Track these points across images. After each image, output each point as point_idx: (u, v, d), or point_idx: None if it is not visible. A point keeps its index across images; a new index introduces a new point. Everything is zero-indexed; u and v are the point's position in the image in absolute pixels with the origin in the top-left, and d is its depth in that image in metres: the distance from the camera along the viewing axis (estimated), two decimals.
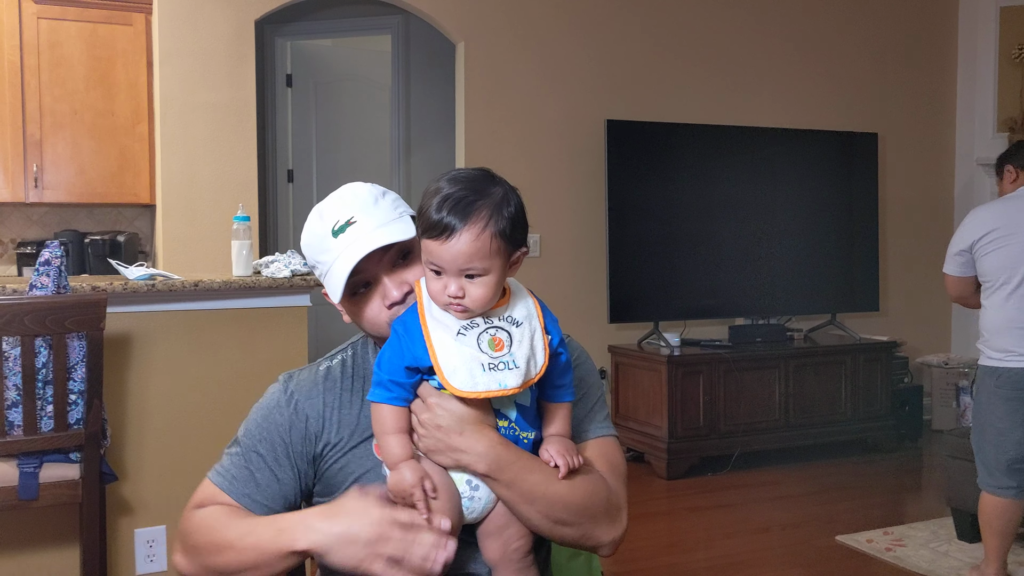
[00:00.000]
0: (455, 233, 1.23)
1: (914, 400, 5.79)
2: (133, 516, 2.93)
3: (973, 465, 3.86)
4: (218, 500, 1.40)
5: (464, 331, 1.27)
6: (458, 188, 1.26)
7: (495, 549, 1.32)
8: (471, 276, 1.25)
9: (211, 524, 1.36)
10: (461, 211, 1.24)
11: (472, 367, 1.24)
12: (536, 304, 1.33)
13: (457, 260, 1.24)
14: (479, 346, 1.26)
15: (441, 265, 1.25)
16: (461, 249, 1.23)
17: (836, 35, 6.05)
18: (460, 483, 1.30)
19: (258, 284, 2.99)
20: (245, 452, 1.42)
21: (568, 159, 5.32)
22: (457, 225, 1.23)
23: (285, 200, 5.95)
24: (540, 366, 1.28)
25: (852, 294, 5.91)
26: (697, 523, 4.29)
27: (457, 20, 5.08)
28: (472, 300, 1.26)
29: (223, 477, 1.41)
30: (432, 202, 1.25)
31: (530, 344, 1.28)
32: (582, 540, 1.37)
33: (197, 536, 1.36)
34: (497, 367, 1.25)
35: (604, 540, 1.38)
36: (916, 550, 3.88)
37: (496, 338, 1.27)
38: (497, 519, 1.32)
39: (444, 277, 1.26)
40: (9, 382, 2.40)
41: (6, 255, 5.13)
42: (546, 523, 1.32)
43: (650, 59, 5.53)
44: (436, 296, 1.28)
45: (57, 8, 4.81)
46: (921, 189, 6.39)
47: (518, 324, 1.29)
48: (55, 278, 2.50)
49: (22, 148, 4.79)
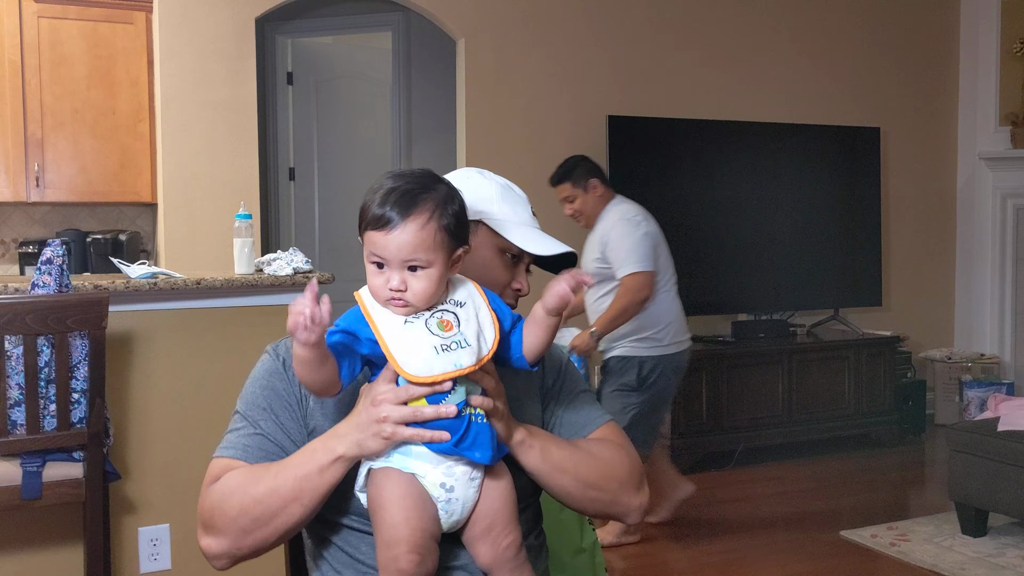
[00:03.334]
0: (400, 223, 1.24)
1: (917, 395, 5.78)
2: (137, 515, 2.93)
3: (977, 459, 3.86)
4: (233, 469, 1.36)
5: (411, 320, 1.26)
6: (403, 182, 1.27)
7: (486, 553, 1.29)
8: (414, 268, 1.25)
9: (238, 483, 1.32)
10: (407, 202, 1.25)
11: (425, 352, 1.23)
12: (477, 287, 1.34)
13: (402, 250, 1.24)
14: (429, 329, 1.25)
15: (385, 257, 1.25)
16: (406, 239, 1.24)
17: (838, 30, 6.03)
18: (434, 488, 1.26)
19: (260, 282, 2.99)
20: (252, 421, 1.39)
21: (569, 154, 5.29)
22: (403, 215, 1.24)
23: (287, 198, 5.95)
24: (491, 341, 1.28)
25: (855, 289, 5.90)
26: (700, 518, 4.29)
27: (457, 17, 5.07)
28: (414, 294, 1.25)
29: (235, 449, 1.38)
30: (376, 196, 1.26)
31: (476, 321, 1.28)
32: (612, 506, 1.44)
33: (227, 503, 1.32)
34: (450, 347, 1.24)
35: (633, 505, 1.45)
36: (920, 545, 3.87)
37: (444, 320, 1.27)
38: (481, 521, 1.29)
39: (387, 271, 1.25)
40: (12, 381, 2.40)
41: (8, 254, 5.13)
42: (579, 489, 1.39)
43: (651, 55, 5.52)
44: (377, 291, 1.27)
45: (58, 7, 4.80)
46: (924, 183, 6.37)
47: (461, 305, 1.29)
48: (57, 277, 2.50)
49: (23, 147, 4.79)
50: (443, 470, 1.26)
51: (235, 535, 1.31)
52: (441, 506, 1.27)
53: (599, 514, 1.48)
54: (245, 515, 1.30)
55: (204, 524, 1.35)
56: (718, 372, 5.08)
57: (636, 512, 1.46)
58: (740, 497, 4.62)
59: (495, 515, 1.29)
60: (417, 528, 1.23)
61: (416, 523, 1.23)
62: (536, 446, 1.36)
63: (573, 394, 1.53)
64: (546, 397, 1.51)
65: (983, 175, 6.31)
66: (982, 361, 6.04)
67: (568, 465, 1.38)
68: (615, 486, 1.43)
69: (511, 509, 1.31)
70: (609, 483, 1.42)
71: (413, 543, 1.22)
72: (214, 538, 1.34)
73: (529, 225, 1.50)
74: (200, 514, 1.36)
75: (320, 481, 1.28)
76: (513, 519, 1.30)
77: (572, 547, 1.92)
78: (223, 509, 1.32)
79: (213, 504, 1.34)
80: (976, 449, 3.87)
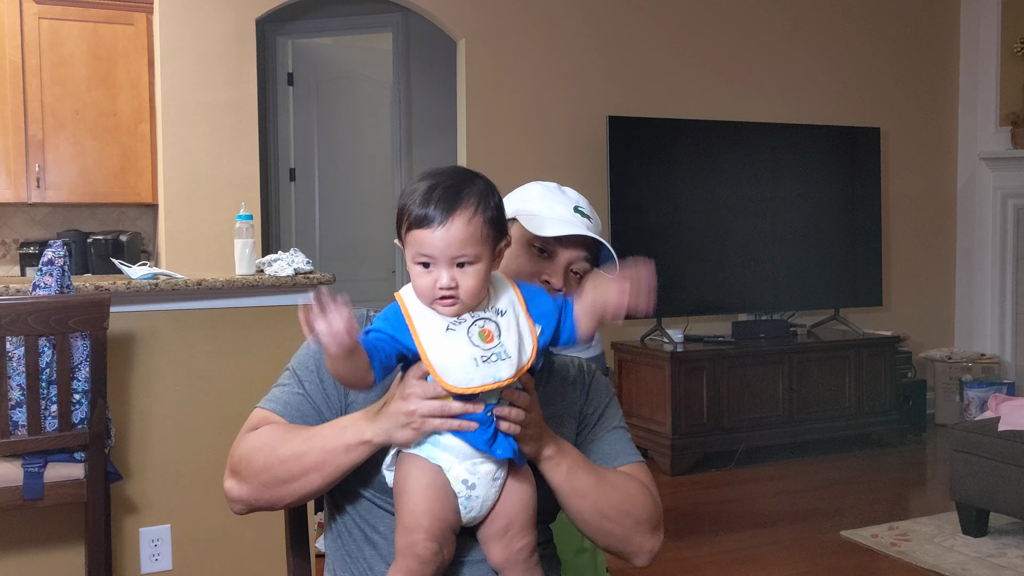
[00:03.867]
0: (448, 219, 1.23)
1: (918, 395, 5.78)
2: (138, 515, 2.93)
3: (977, 459, 3.87)
4: (272, 422, 1.40)
5: (453, 327, 1.25)
6: (443, 179, 1.27)
7: (499, 552, 1.30)
8: (462, 265, 1.24)
9: (269, 439, 1.36)
10: (451, 198, 1.24)
11: (465, 362, 1.23)
12: (516, 289, 1.33)
13: (451, 247, 1.23)
14: (470, 339, 1.24)
15: (433, 255, 1.23)
16: (455, 235, 1.23)
17: (838, 30, 6.03)
18: (456, 483, 1.27)
19: (261, 283, 2.99)
20: (299, 380, 1.43)
21: (570, 156, 5.31)
22: (449, 211, 1.23)
23: (287, 199, 5.95)
24: (530, 351, 1.27)
25: (855, 289, 5.90)
26: (702, 519, 4.29)
27: (458, 17, 5.07)
28: (464, 291, 1.24)
29: (276, 403, 1.42)
30: (417, 195, 1.25)
31: (517, 331, 1.27)
32: (623, 543, 1.43)
33: (255, 455, 1.36)
34: (490, 359, 1.24)
35: (644, 547, 1.45)
36: (921, 545, 3.87)
37: (485, 329, 1.26)
38: (498, 520, 1.30)
39: (434, 269, 1.24)
40: (13, 382, 2.40)
41: (9, 255, 5.13)
42: (595, 517, 1.39)
43: (651, 55, 5.52)
44: (425, 292, 1.25)
45: (58, 8, 4.81)
46: (924, 183, 6.38)
47: (503, 313, 1.28)
48: (58, 278, 2.50)
49: (24, 148, 4.79)
50: (468, 467, 1.27)
51: (256, 487, 1.36)
52: (461, 501, 1.28)
53: (610, 548, 1.46)
54: (267, 471, 1.34)
55: (231, 467, 1.40)
56: (719, 372, 5.08)
57: (647, 555, 1.46)
58: (741, 497, 4.62)
59: (513, 516, 1.30)
60: (438, 518, 1.25)
61: (437, 513, 1.26)
62: (564, 464, 1.36)
63: (609, 428, 1.52)
64: (582, 423, 1.51)
65: (983, 175, 6.31)
66: (982, 361, 6.05)
67: (590, 491, 1.38)
68: (631, 523, 1.42)
69: (529, 514, 1.32)
70: (625, 519, 1.41)
71: (432, 531, 1.25)
72: (237, 483, 1.38)
73: (561, 219, 1.50)
74: (230, 456, 1.40)
75: (344, 459, 1.30)
76: (530, 523, 1.31)
77: (573, 547, 1.92)
78: (250, 460, 1.36)
79: (243, 452, 1.38)
80: (977, 449, 3.87)
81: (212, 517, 2.99)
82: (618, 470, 1.46)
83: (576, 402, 1.50)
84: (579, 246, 1.50)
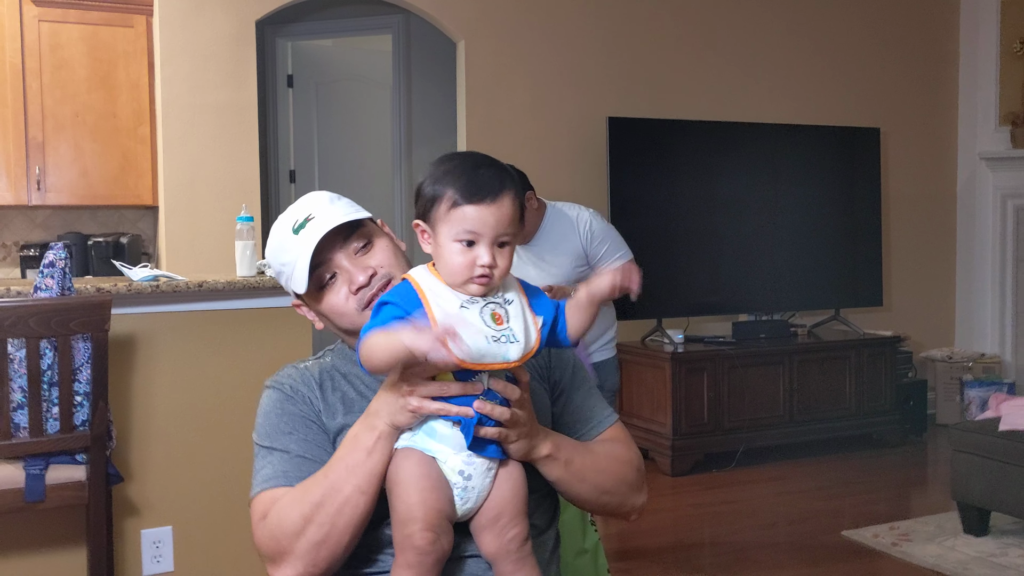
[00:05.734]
0: (499, 196, 1.25)
1: (918, 395, 5.78)
2: (139, 517, 2.93)
3: (979, 459, 3.87)
4: (278, 498, 1.33)
5: (467, 305, 1.26)
6: (481, 160, 1.29)
7: (491, 542, 1.30)
8: (502, 245, 1.26)
9: (291, 503, 1.29)
10: (500, 176, 1.27)
11: (476, 338, 1.23)
12: (518, 283, 1.34)
13: (500, 223, 1.25)
14: (483, 319, 1.26)
15: (481, 231, 1.24)
16: (505, 212, 1.25)
17: (837, 30, 6.04)
18: (452, 474, 1.27)
19: (262, 284, 2.99)
20: (282, 448, 1.37)
21: (570, 157, 5.31)
22: (500, 188, 1.25)
23: (287, 200, 5.95)
24: (534, 341, 1.28)
25: (856, 289, 5.90)
26: (702, 519, 4.29)
27: (457, 18, 5.07)
28: (500, 270, 1.26)
29: (274, 479, 1.35)
30: (462, 174, 1.25)
31: (523, 319, 1.29)
32: (619, 508, 1.47)
33: (286, 524, 1.28)
34: (500, 340, 1.25)
35: (637, 505, 1.48)
36: (922, 544, 3.87)
37: (496, 313, 1.27)
38: (489, 510, 1.30)
39: (477, 248, 1.25)
40: (15, 384, 2.41)
41: (9, 258, 5.13)
42: (595, 495, 1.42)
43: (651, 56, 5.52)
44: (462, 270, 1.25)
45: (58, 11, 4.81)
46: (924, 183, 6.38)
47: (510, 302, 1.30)
48: (59, 280, 2.50)
49: (24, 151, 4.79)
50: (463, 457, 1.27)
51: (306, 551, 1.28)
52: (457, 492, 1.28)
53: (604, 514, 1.50)
54: (310, 524, 1.27)
55: (270, 557, 1.31)
56: (719, 373, 5.08)
57: (637, 511, 1.49)
58: (741, 498, 4.62)
59: (504, 506, 1.29)
60: (433, 508, 1.25)
61: (432, 503, 1.25)
62: (561, 458, 1.37)
63: (583, 391, 1.53)
64: (554, 390, 1.52)
65: (983, 175, 6.31)
66: (983, 361, 6.05)
67: (588, 474, 1.40)
68: (625, 489, 1.45)
69: (520, 502, 1.31)
70: (621, 487, 1.45)
71: (428, 521, 1.24)
72: (286, 564, 1.29)
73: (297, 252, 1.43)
74: (261, 549, 1.32)
75: (372, 463, 1.27)
76: (521, 512, 1.31)
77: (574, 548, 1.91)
78: (285, 530, 1.29)
79: (272, 531, 1.30)
80: (978, 449, 3.87)
81: (214, 518, 3.00)
82: (603, 439, 1.48)
83: (543, 368, 1.50)
84: (337, 236, 1.41)
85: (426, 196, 1.29)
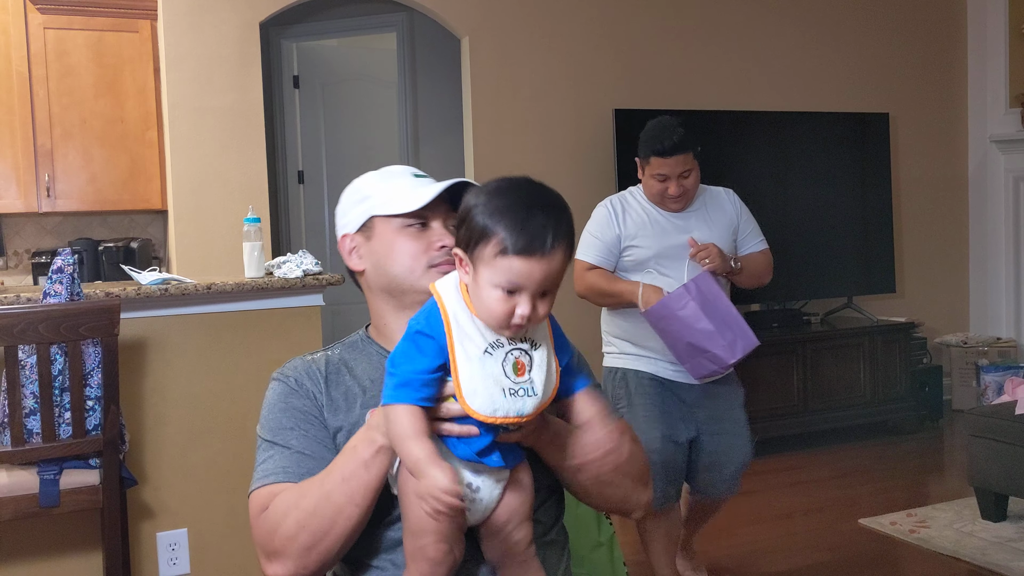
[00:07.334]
0: (552, 252, 1.17)
1: (934, 381, 5.75)
2: (155, 520, 2.94)
3: (995, 444, 3.84)
4: (277, 494, 1.34)
5: (491, 350, 1.21)
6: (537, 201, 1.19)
7: (496, 547, 1.29)
8: (544, 294, 1.19)
9: (287, 503, 1.30)
10: (554, 228, 1.17)
11: (493, 391, 1.19)
12: (548, 324, 1.29)
13: (548, 278, 1.17)
14: (504, 370, 1.21)
15: (526, 284, 1.17)
16: (555, 268, 1.18)
17: (843, 16, 6.00)
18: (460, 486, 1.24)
19: (271, 285, 3.00)
20: (284, 443, 1.38)
21: (577, 150, 5.30)
22: (554, 243, 1.16)
23: (296, 201, 5.96)
24: (551, 390, 1.25)
25: (868, 276, 5.87)
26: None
27: (461, 14, 5.07)
28: (537, 318, 1.19)
29: (274, 475, 1.35)
30: (514, 221, 1.16)
31: (546, 366, 1.25)
32: (623, 503, 1.43)
33: (282, 525, 1.29)
34: (517, 393, 1.20)
35: (640, 501, 1.44)
36: (940, 531, 3.85)
37: (519, 361, 1.22)
38: (498, 519, 1.29)
39: (518, 296, 1.17)
40: (26, 390, 2.42)
41: (21, 265, 5.16)
42: (596, 485, 1.38)
43: (656, 47, 5.50)
44: (500, 318, 1.18)
45: (63, 18, 4.83)
46: (934, 168, 6.34)
47: (537, 346, 1.24)
48: (68, 285, 2.51)
49: (33, 158, 4.82)
50: (471, 471, 1.26)
51: (298, 554, 1.29)
52: (466, 504, 1.25)
53: (609, 509, 1.48)
54: (304, 530, 1.28)
55: (265, 552, 1.33)
56: None
57: (641, 509, 1.45)
58: (757, 488, 4.60)
59: (513, 512, 1.29)
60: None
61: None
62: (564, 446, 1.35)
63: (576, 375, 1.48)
64: None
65: (994, 158, 6.27)
66: (998, 345, 6.00)
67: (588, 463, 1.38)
68: (628, 483, 1.42)
69: (528, 507, 1.30)
70: (624, 480, 1.41)
71: (441, 533, 1.22)
72: (279, 563, 1.31)
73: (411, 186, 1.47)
74: (258, 543, 1.34)
75: (368, 476, 1.26)
76: (527, 516, 1.30)
77: (590, 542, 1.91)
78: (280, 531, 1.30)
79: (268, 529, 1.32)
80: (994, 434, 3.85)
81: (229, 520, 3.00)
82: None
83: None
84: (442, 203, 1.45)
85: (473, 228, 1.19)
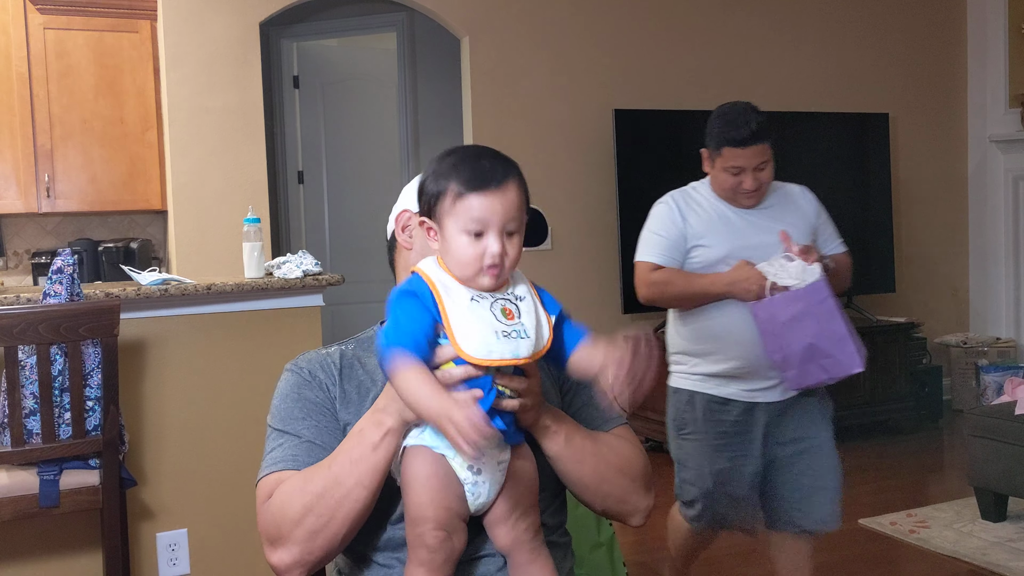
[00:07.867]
0: (504, 183, 1.24)
1: (933, 381, 5.75)
2: (154, 520, 2.94)
3: (995, 443, 3.84)
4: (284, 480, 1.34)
5: (476, 298, 1.24)
6: (483, 151, 1.27)
7: (504, 535, 1.30)
8: (510, 234, 1.24)
9: (294, 488, 1.30)
10: (504, 165, 1.25)
11: (486, 334, 1.22)
12: (531, 285, 1.33)
13: (509, 211, 1.23)
14: (494, 314, 1.24)
15: (490, 220, 1.23)
16: (512, 199, 1.24)
17: (844, 16, 6.00)
18: (461, 470, 1.26)
19: (270, 285, 3.00)
20: (294, 432, 1.38)
21: (577, 150, 5.30)
22: (505, 176, 1.24)
23: (296, 201, 5.96)
24: (546, 339, 1.27)
25: (868, 276, 5.86)
26: None
27: (461, 15, 5.07)
28: (510, 260, 1.24)
29: (283, 462, 1.36)
30: (465, 165, 1.24)
31: (535, 316, 1.27)
32: (621, 504, 1.43)
33: (288, 509, 1.29)
34: (510, 335, 1.23)
35: (640, 506, 1.44)
36: (940, 531, 3.85)
37: (506, 308, 1.25)
38: (503, 505, 1.29)
39: (485, 238, 1.23)
40: (26, 391, 2.42)
41: (21, 266, 5.16)
42: (595, 481, 1.39)
43: (655, 47, 5.50)
44: (472, 263, 1.23)
45: (63, 18, 4.83)
46: (934, 168, 6.34)
47: (521, 299, 1.28)
48: (68, 286, 2.51)
49: (33, 159, 4.82)
50: None
51: (304, 539, 1.29)
52: (468, 488, 1.27)
53: (608, 511, 1.47)
54: (310, 513, 1.28)
55: (269, 539, 1.33)
56: None
57: (642, 514, 1.45)
58: None
59: (518, 498, 1.29)
60: (443, 506, 1.24)
61: (442, 502, 1.24)
62: (561, 432, 1.36)
63: (590, 390, 1.49)
64: (564, 388, 1.51)
65: (994, 158, 6.27)
66: (998, 345, 6.00)
67: (587, 456, 1.38)
68: (627, 483, 1.42)
69: (533, 494, 1.31)
70: (623, 479, 1.42)
71: (439, 520, 1.23)
72: (283, 549, 1.31)
73: None
74: (263, 531, 1.34)
75: (376, 458, 1.27)
76: (533, 503, 1.31)
77: (589, 542, 1.91)
78: (286, 516, 1.30)
79: (274, 515, 1.31)
80: (994, 434, 3.85)
81: (229, 520, 3.00)
82: (610, 432, 1.47)
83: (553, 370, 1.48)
84: None
85: (430, 192, 1.27)
